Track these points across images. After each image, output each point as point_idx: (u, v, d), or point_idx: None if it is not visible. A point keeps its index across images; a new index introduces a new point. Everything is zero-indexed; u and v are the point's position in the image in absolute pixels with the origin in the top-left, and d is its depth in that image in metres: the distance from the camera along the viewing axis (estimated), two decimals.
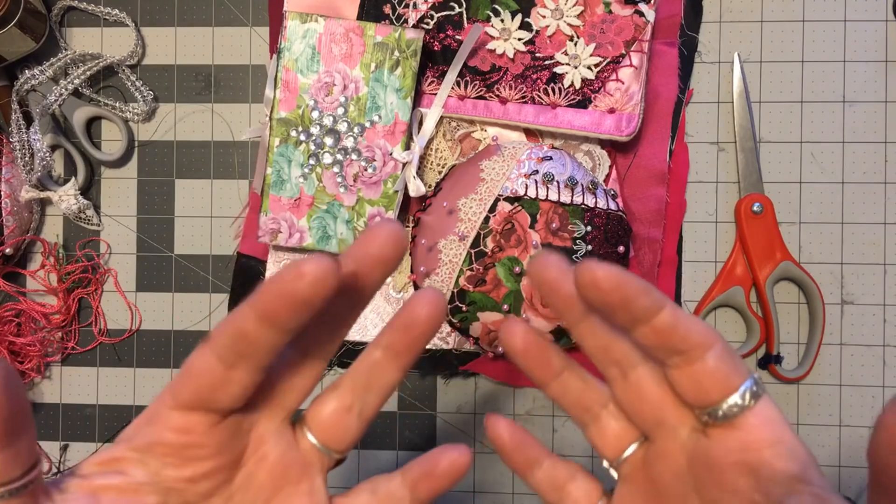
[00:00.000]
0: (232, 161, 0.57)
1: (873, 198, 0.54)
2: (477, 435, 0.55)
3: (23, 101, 0.55)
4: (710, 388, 0.26)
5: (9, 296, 0.57)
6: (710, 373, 0.26)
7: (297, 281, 0.23)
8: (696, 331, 0.26)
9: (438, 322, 0.27)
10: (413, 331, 0.27)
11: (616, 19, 0.50)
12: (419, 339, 0.27)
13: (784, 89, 0.54)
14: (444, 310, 0.27)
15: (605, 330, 0.29)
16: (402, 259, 0.28)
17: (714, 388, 0.26)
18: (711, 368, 0.26)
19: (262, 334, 0.24)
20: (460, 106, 0.52)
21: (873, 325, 0.54)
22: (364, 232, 0.26)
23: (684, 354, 0.26)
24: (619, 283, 0.25)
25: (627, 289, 0.25)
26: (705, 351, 0.26)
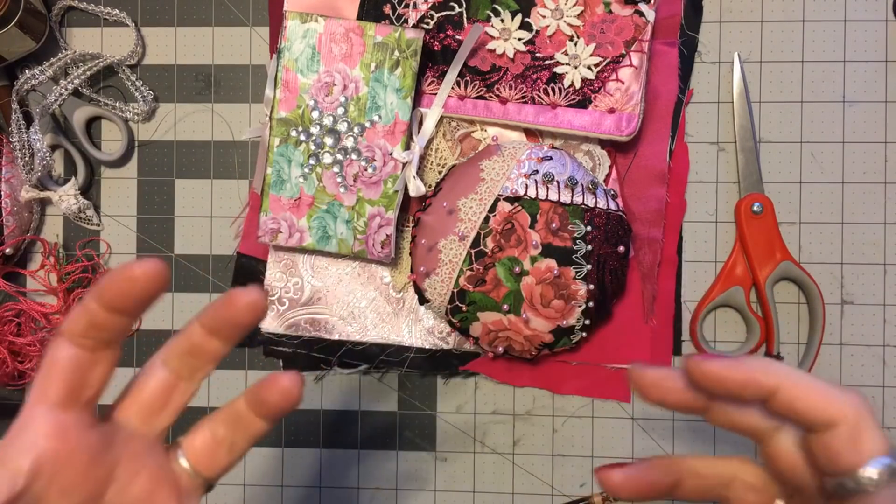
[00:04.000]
0: (232, 161, 0.57)
1: (873, 198, 0.54)
2: (477, 435, 0.55)
3: (23, 101, 0.55)
4: (839, 455, 0.25)
5: (9, 296, 0.57)
6: (839, 440, 0.25)
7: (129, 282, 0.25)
8: (826, 404, 0.25)
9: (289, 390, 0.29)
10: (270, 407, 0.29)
11: (616, 19, 0.50)
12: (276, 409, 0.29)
13: (784, 89, 0.54)
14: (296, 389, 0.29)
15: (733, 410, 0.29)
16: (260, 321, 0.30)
17: (844, 456, 0.25)
18: (842, 436, 0.25)
19: (109, 320, 0.26)
20: (460, 106, 0.52)
21: (873, 325, 0.54)
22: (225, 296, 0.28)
23: (815, 427, 0.26)
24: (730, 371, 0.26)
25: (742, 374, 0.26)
26: (836, 422, 0.25)
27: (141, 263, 0.25)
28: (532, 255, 0.48)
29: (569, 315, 0.49)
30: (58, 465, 0.26)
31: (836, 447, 0.25)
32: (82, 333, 0.26)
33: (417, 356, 0.54)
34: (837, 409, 0.25)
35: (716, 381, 0.27)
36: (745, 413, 0.28)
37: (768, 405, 0.27)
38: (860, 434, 0.25)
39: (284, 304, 0.55)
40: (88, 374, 0.27)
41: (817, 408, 0.26)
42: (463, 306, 0.50)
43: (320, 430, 0.56)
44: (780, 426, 0.28)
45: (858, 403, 0.26)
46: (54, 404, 0.26)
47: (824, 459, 0.26)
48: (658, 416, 0.54)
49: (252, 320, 0.28)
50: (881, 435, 0.26)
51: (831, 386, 0.26)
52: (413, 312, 0.54)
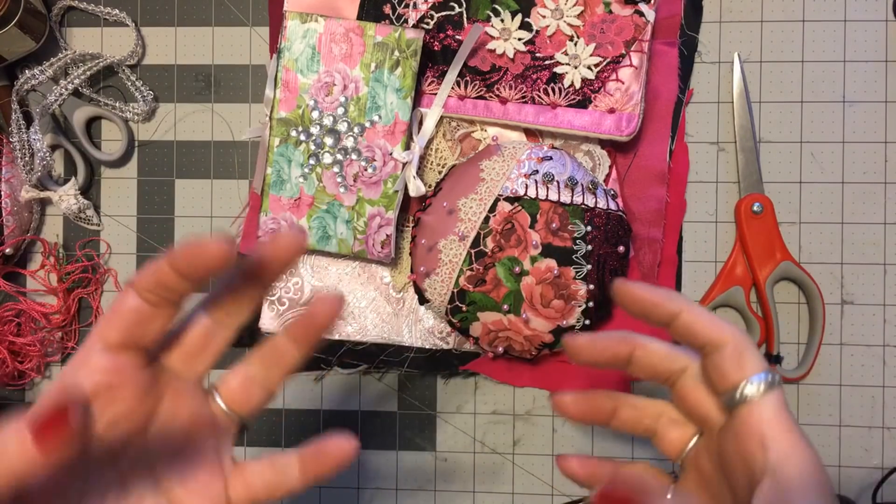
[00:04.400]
0: (232, 161, 0.57)
1: (873, 198, 0.54)
2: (476, 435, 0.55)
3: (23, 101, 0.55)
4: (725, 374, 0.31)
5: (9, 296, 0.57)
6: (726, 361, 0.31)
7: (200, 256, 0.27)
8: (713, 327, 0.31)
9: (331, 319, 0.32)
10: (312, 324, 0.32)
11: (616, 19, 0.50)
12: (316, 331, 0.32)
13: (784, 89, 0.54)
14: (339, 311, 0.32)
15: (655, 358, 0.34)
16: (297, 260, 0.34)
17: (729, 374, 0.31)
18: (727, 357, 0.31)
19: (177, 282, 0.28)
20: (460, 106, 0.52)
21: (873, 325, 0.54)
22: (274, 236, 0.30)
23: (705, 347, 0.31)
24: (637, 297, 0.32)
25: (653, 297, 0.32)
26: (723, 343, 0.31)
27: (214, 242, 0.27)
28: (532, 255, 0.48)
29: (569, 315, 0.49)
30: (108, 399, 0.28)
31: (724, 366, 0.31)
32: (149, 289, 0.28)
33: (417, 356, 0.54)
34: (724, 333, 0.31)
35: (635, 300, 0.33)
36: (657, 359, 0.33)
37: (672, 328, 0.32)
38: (742, 354, 0.31)
39: (284, 304, 0.55)
40: (147, 324, 0.29)
41: (708, 329, 0.31)
42: (463, 306, 0.50)
43: (320, 431, 0.56)
44: (685, 369, 0.33)
45: (739, 331, 0.31)
46: (112, 346, 0.28)
47: (716, 378, 0.31)
48: None
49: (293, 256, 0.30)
50: (759, 356, 0.31)
51: (719, 318, 0.32)
52: (413, 312, 0.54)
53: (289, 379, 0.34)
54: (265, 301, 0.55)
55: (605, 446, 0.55)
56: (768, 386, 0.30)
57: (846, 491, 0.54)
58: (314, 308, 0.32)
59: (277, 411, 0.56)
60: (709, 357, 0.31)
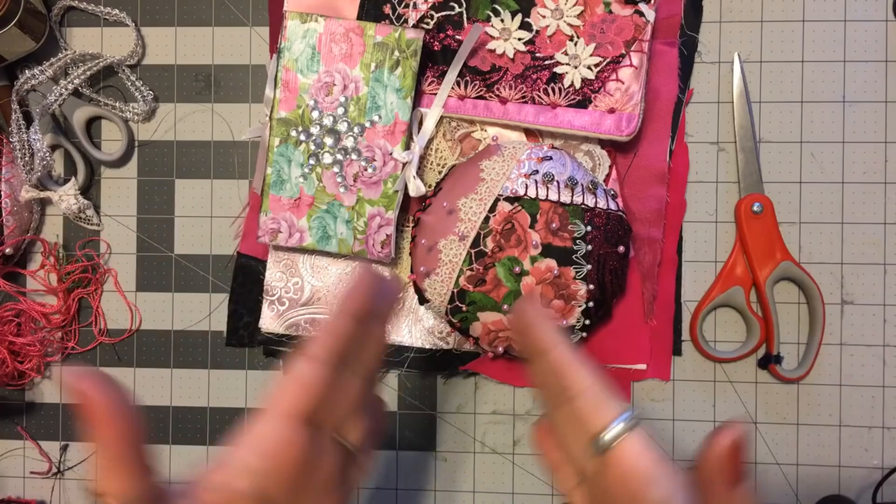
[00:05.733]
0: (232, 161, 0.57)
1: (873, 198, 0.54)
2: (476, 435, 0.55)
3: (23, 101, 0.55)
4: (588, 421, 0.31)
5: (9, 296, 0.57)
6: (587, 407, 0.32)
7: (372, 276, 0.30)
8: (576, 372, 0.32)
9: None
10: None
11: (616, 19, 0.50)
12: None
13: (784, 89, 0.54)
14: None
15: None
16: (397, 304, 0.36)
17: (592, 420, 0.31)
18: (588, 403, 0.32)
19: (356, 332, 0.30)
20: (460, 106, 0.52)
21: (873, 325, 0.54)
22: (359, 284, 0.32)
23: (566, 392, 0.32)
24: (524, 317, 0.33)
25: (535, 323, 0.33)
26: (583, 389, 0.32)
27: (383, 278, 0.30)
28: (532, 255, 0.48)
29: (569, 315, 0.49)
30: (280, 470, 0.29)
31: (586, 412, 0.32)
32: (333, 352, 0.30)
33: (417, 356, 0.54)
34: (585, 378, 0.32)
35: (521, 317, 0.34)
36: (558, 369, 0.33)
37: (540, 364, 0.33)
38: (601, 399, 0.32)
39: (284, 304, 0.55)
40: (328, 391, 0.30)
41: (570, 373, 0.32)
42: (463, 306, 0.50)
43: None
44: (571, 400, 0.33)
45: (598, 375, 0.32)
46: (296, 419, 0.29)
47: (581, 425, 0.32)
48: (658, 416, 0.54)
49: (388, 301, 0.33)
50: (617, 398, 0.32)
51: (584, 362, 0.33)
52: (413, 312, 0.54)
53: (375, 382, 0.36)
54: (265, 301, 0.55)
55: None
56: (630, 426, 0.31)
57: (846, 491, 0.54)
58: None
59: None
60: (569, 403, 0.32)
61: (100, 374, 0.26)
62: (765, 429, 0.54)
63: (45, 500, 0.57)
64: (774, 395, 0.54)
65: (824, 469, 0.54)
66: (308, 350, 0.30)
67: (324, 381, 0.30)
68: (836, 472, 0.54)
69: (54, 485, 0.57)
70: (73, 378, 0.26)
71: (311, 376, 0.30)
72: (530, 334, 0.34)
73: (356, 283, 0.32)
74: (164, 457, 0.57)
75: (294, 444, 0.29)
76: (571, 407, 0.32)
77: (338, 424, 0.33)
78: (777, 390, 0.54)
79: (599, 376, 0.32)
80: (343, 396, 0.33)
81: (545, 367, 0.33)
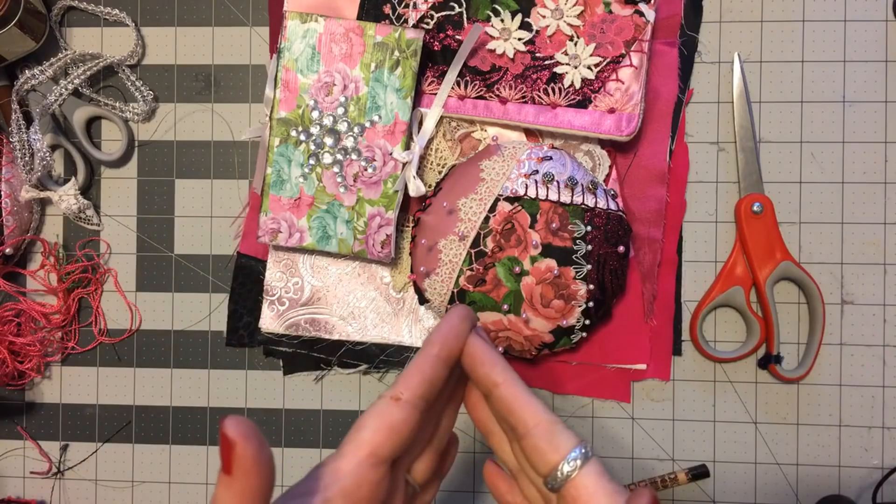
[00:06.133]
0: (232, 161, 0.57)
1: (873, 198, 0.54)
2: (477, 435, 0.55)
3: (23, 101, 0.55)
4: (542, 456, 0.31)
5: (9, 296, 0.57)
6: (540, 443, 0.31)
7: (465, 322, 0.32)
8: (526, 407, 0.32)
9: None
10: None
11: (616, 19, 0.50)
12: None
13: (784, 89, 0.54)
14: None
15: None
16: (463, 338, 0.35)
17: (546, 456, 0.31)
18: (541, 439, 0.31)
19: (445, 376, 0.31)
20: (460, 106, 0.52)
21: (873, 325, 0.54)
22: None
23: (516, 430, 0.32)
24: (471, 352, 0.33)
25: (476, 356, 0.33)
26: (534, 424, 0.31)
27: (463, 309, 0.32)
28: (532, 255, 0.48)
29: (569, 315, 0.49)
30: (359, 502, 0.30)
31: (539, 448, 0.31)
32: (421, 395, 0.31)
33: None
34: (535, 414, 0.32)
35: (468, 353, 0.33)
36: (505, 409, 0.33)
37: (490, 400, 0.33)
38: (553, 434, 0.31)
39: (284, 304, 0.55)
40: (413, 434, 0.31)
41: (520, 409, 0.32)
42: None
43: (320, 430, 0.56)
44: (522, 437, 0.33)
45: (548, 410, 0.32)
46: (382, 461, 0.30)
47: (535, 461, 0.31)
48: (658, 416, 0.54)
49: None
50: (569, 431, 0.31)
51: (532, 396, 0.32)
52: (413, 312, 0.54)
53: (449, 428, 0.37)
54: (265, 301, 0.55)
55: (605, 453, 0.55)
56: (584, 459, 0.30)
57: (846, 491, 0.54)
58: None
59: (277, 411, 0.56)
60: (522, 440, 0.32)
61: (253, 426, 0.26)
62: (765, 429, 0.54)
63: (45, 500, 0.57)
64: (774, 395, 0.54)
65: (824, 469, 0.54)
66: (397, 390, 0.31)
67: (411, 426, 0.30)
68: (836, 472, 0.54)
69: (54, 485, 0.57)
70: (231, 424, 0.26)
71: (399, 420, 0.30)
72: (477, 372, 0.33)
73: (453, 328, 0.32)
74: (164, 457, 0.57)
75: (374, 485, 0.30)
76: (524, 444, 0.32)
77: (412, 463, 0.34)
78: (777, 390, 0.54)
79: (548, 410, 0.32)
80: (422, 437, 0.34)
81: (494, 403, 0.33)
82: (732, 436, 0.54)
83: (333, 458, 0.30)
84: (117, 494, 0.57)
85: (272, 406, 0.56)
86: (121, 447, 0.57)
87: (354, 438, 0.30)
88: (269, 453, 0.26)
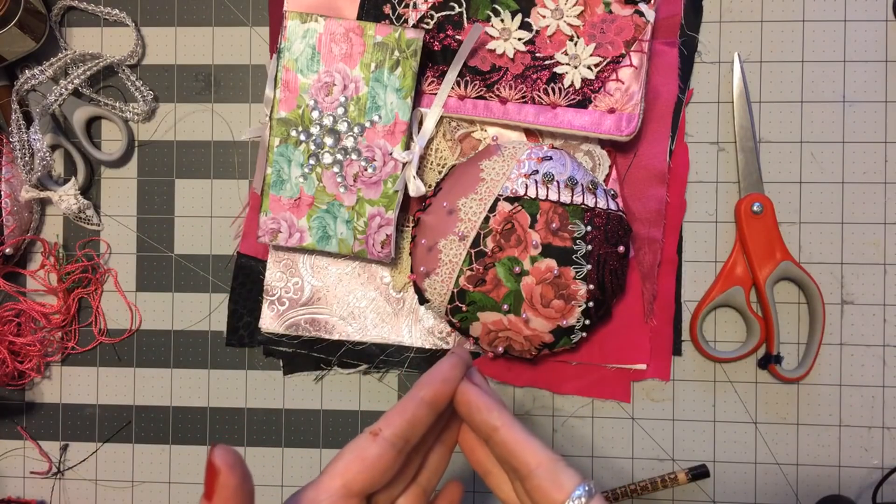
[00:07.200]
0: (232, 161, 0.57)
1: (873, 198, 0.54)
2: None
3: (23, 101, 0.55)
4: (541, 500, 0.31)
5: (9, 296, 0.57)
6: (544, 483, 0.31)
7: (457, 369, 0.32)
8: (526, 448, 0.32)
9: None
10: None
11: (616, 19, 0.50)
12: None
13: (784, 89, 0.54)
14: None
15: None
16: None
17: (550, 495, 0.31)
18: (544, 479, 0.31)
19: (430, 419, 0.32)
20: (460, 106, 0.52)
21: (873, 325, 0.54)
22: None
23: (518, 471, 0.32)
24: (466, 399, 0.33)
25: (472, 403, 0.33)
26: (536, 464, 0.31)
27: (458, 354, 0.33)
28: (532, 255, 0.48)
29: (569, 315, 0.49)
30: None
31: (543, 486, 0.31)
32: (401, 435, 0.31)
33: (417, 356, 0.54)
34: (536, 454, 0.32)
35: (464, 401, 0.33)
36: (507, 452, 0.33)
37: (490, 444, 0.33)
38: (556, 472, 0.31)
39: (284, 304, 0.55)
40: (388, 471, 0.31)
41: (521, 450, 0.32)
42: (463, 306, 0.50)
43: (320, 430, 0.56)
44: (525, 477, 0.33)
45: (548, 448, 0.32)
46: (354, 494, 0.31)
47: (538, 498, 0.31)
48: (658, 416, 0.54)
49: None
50: (571, 470, 0.31)
51: (532, 437, 0.32)
52: (413, 312, 0.54)
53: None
54: (265, 301, 0.55)
55: (605, 453, 0.55)
56: (588, 497, 0.30)
57: (846, 491, 0.54)
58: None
59: (277, 411, 0.56)
60: (525, 480, 0.32)
61: (239, 457, 0.27)
62: (765, 429, 0.54)
63: (45, 500, 0.57)
64: (774, 395, 0.54)
65: (824, 469, 0.54)
66: (377, 426, 0.32)
67: (387, 463, 0.31)
68: (836, 472, 0.54)
69: (54, 485, 0.57)
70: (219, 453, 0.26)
71: (374, 455, 0.31)
72: (474, 419, 0.33)
73: (443, 373, 0.33)
74: (163, 457, 0.57)
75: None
76: (527, 485, 0.32)
77: (393, 501, 0.34)
78: (777, 390, 0.54)
79: (549, 449, 0.32)
80: (403, 475, 0.34)
81: (495, 446, 0.33)
82: (732, 436, 0.54)
83: (310, 486, 0.31)
84: (117, 494, 0.57)
85: (272, 406, 0.56)
86: (121, 447, 0.57)
87: (329, 469, 0.31)
88: (251, 486, 0.27)
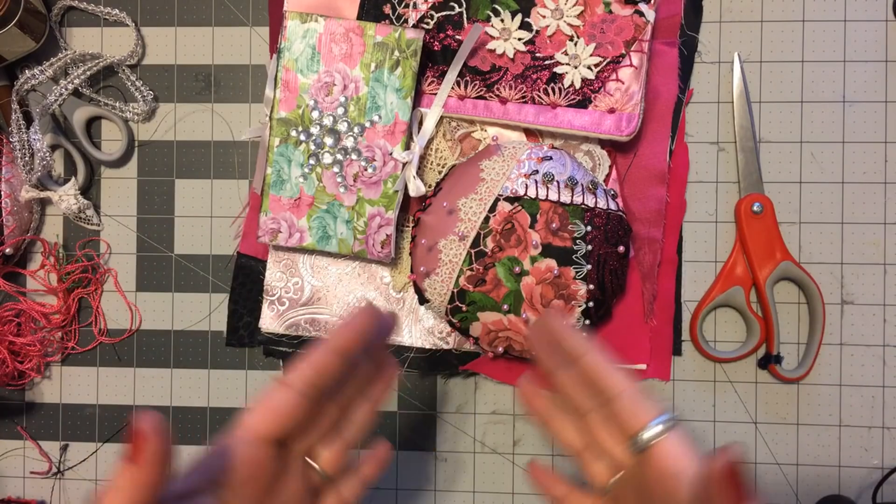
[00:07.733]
0: (232, 161, 0.57)
1: (873, 198, 0.54)
2: (476, 435, 0.55)
3: (23, 101, 0.55)
4: (627, 421, 0.33)
5: (9, 296, 0.57)
6: (626, 409, 0.33)
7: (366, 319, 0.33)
8: (611, 375, 0.33)
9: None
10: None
11: (616, 19, 0.50)
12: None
13: (784, 89, 0.54)
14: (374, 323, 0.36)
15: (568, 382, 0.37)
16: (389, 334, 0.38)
17: (630, 421, 0.33)
18: (626, 405, 0.33)
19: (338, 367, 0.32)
20: (460, 106, 0.52)
21: (873, 325, 0.54)
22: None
23: (604, 393, 0.33)
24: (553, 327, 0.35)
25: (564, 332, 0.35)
26: (619, 392, 0.33)
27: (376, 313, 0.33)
28: (532, 255, 0.48)
29: (569, 315, 0.49)
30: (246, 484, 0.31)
31: (628, 408, 0.33)
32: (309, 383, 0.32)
33: (417, 356, 0.54)
34: (620, 381, 0.33)
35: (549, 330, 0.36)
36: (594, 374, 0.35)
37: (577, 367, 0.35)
38: (639, 401, 0.33)
39: (284, 304, 0.55)
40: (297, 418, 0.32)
41: (606, 376, 0.33)
42: (463, 306, 0.50)
43: None
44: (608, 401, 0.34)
45: (633, 379, 0.34)
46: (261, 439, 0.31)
47: (620, 425, 0.33)
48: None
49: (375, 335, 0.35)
50: (654, 401, 0.33)
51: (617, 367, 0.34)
52: (413, 312, 0.54)
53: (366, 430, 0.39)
54: (265, 301, 0.55)
55: None
56: (668, 427, 0.32)
57: (846, 491, 0.54)
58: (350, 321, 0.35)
59: None
60: (608, 405, 0.33)
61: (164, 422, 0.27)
62: (765, 429, 0.54)
63: (45, 500, 0.57)
64: (774, 395, 0.54)
65: (824, 469, 0.54)
66: (285, 377, 0.32)
67: (293, 409, 0.32)
68: (836, 472, 0.54)
69: (54, 485, 0.57)
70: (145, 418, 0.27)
71: (281, 402, 0.32)
72: (562, 343, 0.35)
73: (349, 321, 0.34)
74: None
75: (256, 463, 0.31)
76: (612, 406, 0.33)
77: (309, 450, 0.35)
78: (777, 390, 0.54)
79: (633, 379, 0.33)
80: (317, 425, 0.35)
81: (578, 373, 0.34)
82: (732, 436, 0.54)
83: (225, 436, 0.32)
84: None
85: None
86: (121, 447, 0.57)
87: (240, 418, 0.32)
88: (171, 450, 0.28)
